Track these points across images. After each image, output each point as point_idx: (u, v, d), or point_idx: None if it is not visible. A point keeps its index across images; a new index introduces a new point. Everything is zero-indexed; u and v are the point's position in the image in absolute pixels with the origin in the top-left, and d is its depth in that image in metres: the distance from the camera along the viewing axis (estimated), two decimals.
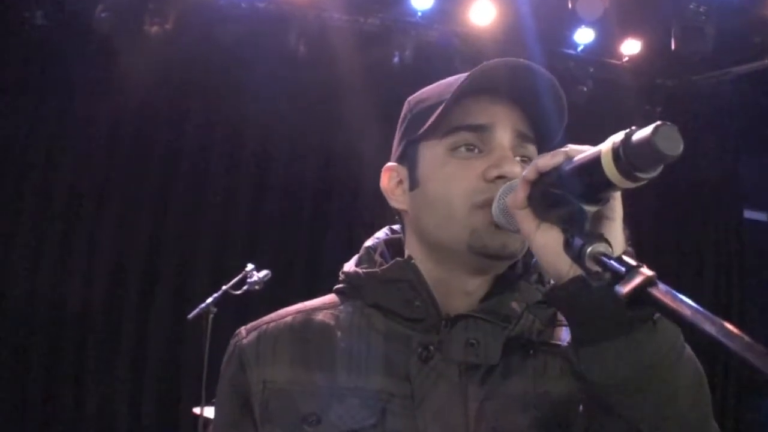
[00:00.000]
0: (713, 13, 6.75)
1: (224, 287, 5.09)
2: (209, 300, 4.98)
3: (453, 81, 1.26)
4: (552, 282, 1.04)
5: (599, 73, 7.64)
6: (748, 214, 8.57)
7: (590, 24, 7.10)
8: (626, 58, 7.52)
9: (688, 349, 0.99)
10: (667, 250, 8.17)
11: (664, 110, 7.92)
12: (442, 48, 7.20)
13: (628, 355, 0.94)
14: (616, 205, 1.00)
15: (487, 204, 1.14)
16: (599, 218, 0.99)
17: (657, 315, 0.87)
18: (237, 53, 6.69)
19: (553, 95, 1.18)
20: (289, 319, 1.30)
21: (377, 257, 1.29)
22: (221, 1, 6.68)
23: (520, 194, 1.02)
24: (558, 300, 1.02)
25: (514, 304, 1.21)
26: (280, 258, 7.01)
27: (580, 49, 7.40)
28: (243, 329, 1.33)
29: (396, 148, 1.32)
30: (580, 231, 0.92)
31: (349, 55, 6.91)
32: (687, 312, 0.72)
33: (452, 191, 1.18)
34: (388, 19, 7.08)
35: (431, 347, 1.17)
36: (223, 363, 1.33)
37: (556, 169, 0.97)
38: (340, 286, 1.33)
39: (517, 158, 1.20)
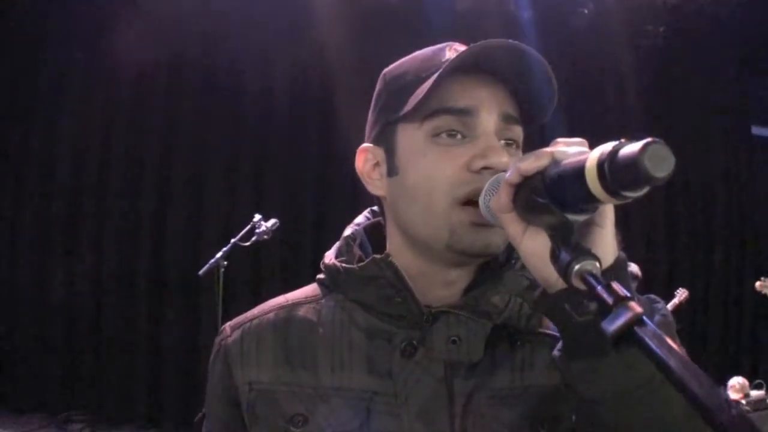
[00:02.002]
0: None
1: (233, 240, 5.04)
2: (218, 254, 4.93)
3: (431, 55, 1.16)
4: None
5: None
6: (756, 130, 8.54)
7: None
8: None
9: None
10: (677, 172, 8.12)
11: (667, 29, 7.80)
12: None
13: (619, 373, 0.90)
14: (607, 211, 0.93)
15: (470, 198, 1.07)
16: (589, 225, 0.92)
17: None
18: None
19: (542, 74, 1.08)
20: (271, 315, 1.25)
21: (356, 249, 1.23)
22: None
23: (504, 198, 0.94)
24: (546, 310, 0.97)
25: (497, 298, 1.14)
26: (288, 205, 7.01)
27: None
28: (227, 326, 1.28)
29: (371, 127, 1.22)
30: (566, 243, 0.86)
31: None
32: (673, 363, 0.68)
33: (433, 183, 1.10)
34: None
35: (414, 342, 1.13)
36: (210, 361, 1.28)
37: (541, 174, 0.89)
38: (322, 277, 1.27)
39: (502, 142, 1.11)
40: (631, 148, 0.75)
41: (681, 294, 6.46)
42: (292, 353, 1.19)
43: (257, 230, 5.13)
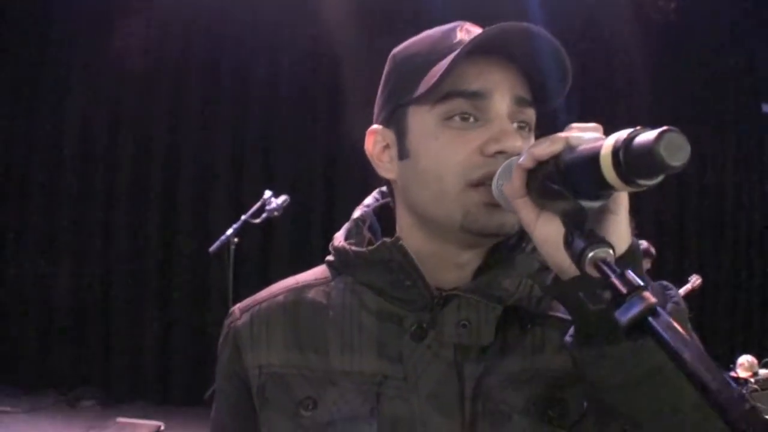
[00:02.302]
0: None
1: (243, 217, 5.03)
2: (229, 231, 4.93)
3: (441, 36, 1.15)
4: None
5: None
6: (767, 108, 8.50)
7: None
8: None
9: None
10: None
11: (679, 6, 7.75)
12: None
13: (630, 361, 0.90)
14: (622, 198, 0.92)
15: (483, 181, 1.06)
16: (603, 212, 0.91)
17: None
18: None
19: (555, 56, 1.05)
20: (281, 298, 1.24)
21: (366, 232, 1.22)
22: None
23: (517, 183, 0.94)
24: (559, 296, 0.97)
25: (508, 282, 1.14)
26: (298, 182, 7.02)
27: None
28: (237, 309, 1.27)
29: (381, 108, 1.21)
30: (580, 229, 0.86)
31: None
32: (686, 354, 0.69)
33: (446, 166, 1.09)
34: None
35: (424, 325, 1.12)
36: (219, 344, 1.27)
37: (555, 159, 0.89)
38: (331, 259, 1.26)
39: (515, 124, 1.10)
40: (647, 135, 0.74)
41: (694, 280, 6.48)
42: (301, 336, 1.18)
43: (268, 207, 5.10)
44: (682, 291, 6.49)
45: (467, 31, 1.13)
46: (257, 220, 5.10)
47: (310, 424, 1.11)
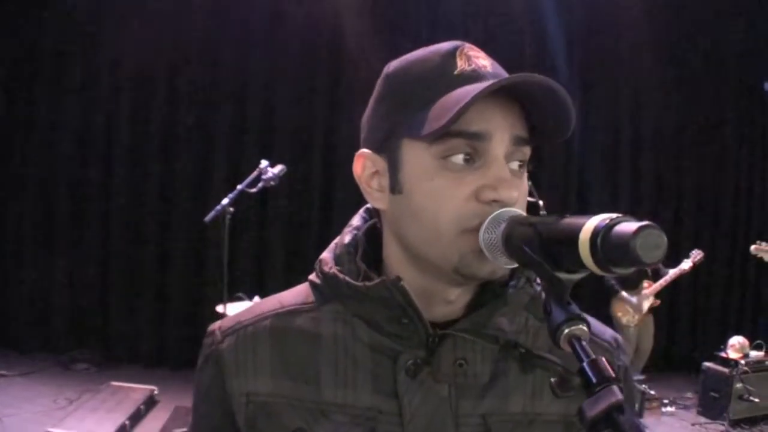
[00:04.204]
0: None
1: (239, 186, 4.99)
2: (225, 201, 4.90)
3: (440, 63, 1.10)
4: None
5: None
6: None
7: None
8: None
9: None
10: (689, 125, 8.16)
11: None
12: None
13: None
14: None
15: (478, 228, 1.04)
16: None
17: None
18: None
19: (558, 99, 1.05)
20: (267, 322, 1.20)
21: (360, 263, 1.18)
22: None
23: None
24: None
25: (503, 320, 1.14)
26: (296, 151, 7.02)
27: None
28: (217, 330, 1.23)
29: (371, 131, 1.17)
30: (558, 300, 0.87)
31: None
32: None
33: (441, 210, 1.06)
34: None
35: (420, 362, 1.11)
36: (198, 362, 1.24)
37: (534, 225, 0.92)
38: (317, 282, 1.22)
39: (511, 164, 1.08)
40: (626, 227, 0.76)
41: (695, 255, 6.51)
42: (291, 365, 1.16)
43: (264, 176, 5.05)
44: (684, 265, 6.55)
45: (467, 59, 1.10)
46: (253, 190, 5.05)
47: None
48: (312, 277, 1.23)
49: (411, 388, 1.10)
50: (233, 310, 4.78)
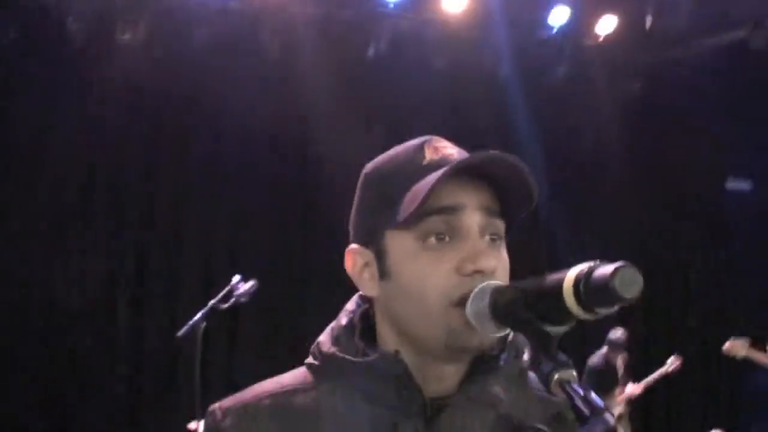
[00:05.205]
0: None
1: (211, 302, 4.92)
2: (197, 316, 4.83)
3: (411, 156, 1.22)
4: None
5: (575, 55, 7.68)
6: (731, 183, 8.66)
7: (565, 2, 7.16)
8: (601, 38, 7.54)
9: None
10: (654, 222, 8.29)
11: (643, 87, 7.97)
12: (415, 38, 7.24)
13: None
14: None
15: (463, 301, 1.11)
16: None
17: None
18: (210, 55, 6.73)
19: (520, 177, 1.14)
20: (267, 402, 1.25)
21: (358, 342, 1.25)
22: (191, 3, 6.67)
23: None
24: None
25: (497, 389, 1.21)
26: (267, 267, 7.03)
27: (554, 31, 7.43)
28: (218, 410, 1.27)
29: (357, 228, 1.27)
30: (546, 352, 0.95)
31: (324, 50, 6.94)
32: None
33: (427, 288, 1.14)
34: (361, 11, 7.12)
35: None
36: None
37: (517, 288, 1.02)
38: (315, 363, 1.28)
39: (487, 237, 1.17)
40: (604, 270, 0.87)
41: (674, 362, 6.51)
42: None
43: (236, 292, 4.97)
44: (658, 374, 6.56)
45: (434, 150, 1.20)
46: (225, 306, 4.96)
47: None
48: (309, 360, 1.28)
49: None
50: None
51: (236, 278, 5.04)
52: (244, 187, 7.33)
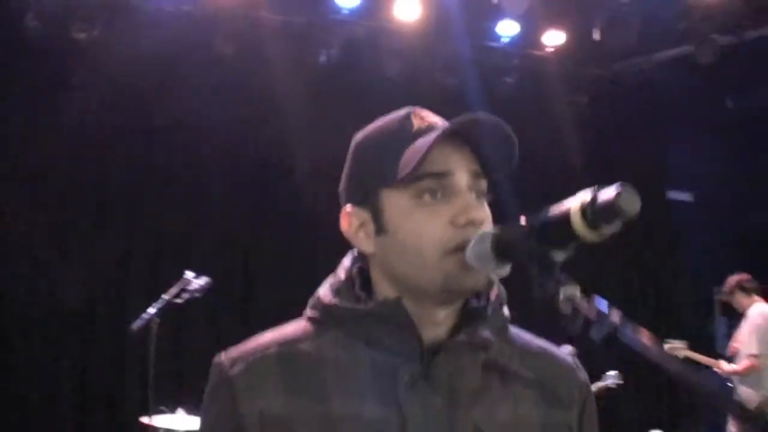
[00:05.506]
0: (637, 1, 6.95)
1: (165, 297, 5.01)
2: (152, 310, 4.93)
3: (399, 125, 1.35)
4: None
5: (524, 65, 7.80)
6: (673, 194, 8.85)
7: (515, 17, 7.27)
8: (550, 49, 7.69)
9: None
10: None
11: (591, 99, 8.12)
12: (368, 45, 7.35)
13: None
14: None
15: (457, 249, 1.24)
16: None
17: None
18: (165, 58, 6.75)
19: (503, 137, 1.30)
20: (273, 349, 1.34)
21: (359, 291, 1.36)
22: (147, 5, 6.73)
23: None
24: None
25: (487, 333, 1.32)
26: (217, 265, 7.06)
27: (504, 41, 7.57)
28: (224, 359, 1.36)
29: (351, 192, 1.38)
30: (551, 275, 1.09)
31: (277, 55, 7.04)
32: (652, 353, 0.97)
33: (423, 240, 1.27)
34: (315, 17, 7.18)
35: (417, 374, 1.27)
36: (207, 393, 1.37)
37: (526, 224, 1.14)
38: (315, 315, 1.39)
39: (473, 194, 1.31)
40: (607, 193, 1.01)
41: (614, 377, 6.52)
42: (300, 385, 1.30)
43: (188, 288, 5.06)
44: (596, 387, 6.66)
45: (420, 118, 1.35)
46: (179, 301, 5.05)
47: None
48: (308, 313, 1.40)
49: (410, 399, 1.27)
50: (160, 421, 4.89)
51: (189, 274, 5.12)
52: (196, 188, 7.39)
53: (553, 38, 7.60)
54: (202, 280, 5.11)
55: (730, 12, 7.04)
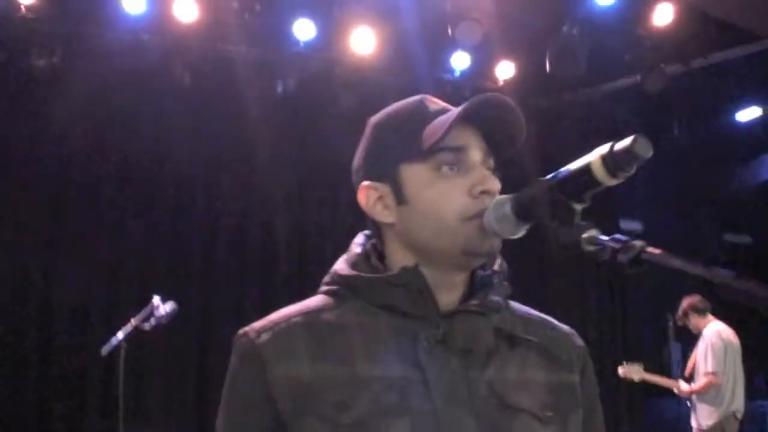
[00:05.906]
0: (586, 33, 7.17)
1: (134, 321, 5.01)
2: (120, 336, 4.93)
3: (415, 108, 1.47)
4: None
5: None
6: (624, 224, 9.03)
7: (467, 49, 7.48)
8: (502, 82, 7.88)
9: None
10: (547, 263, 8.70)
11: (539, 130, 8.29)
12: (324, 77, 7.50)
13: None
14: None
15: (475, 216, 1.36)
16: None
17: None
18: (122, 86, 6.88)
19: (513, 114, 1.41)
20: (297, 319, 1.43)
21: (375, 262, 1.47)
22: (107, 36, 6.84)
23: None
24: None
25: (496, 298, 1.44)
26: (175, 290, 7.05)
27: (457, 74, 7.78)
28: (250, 330, 1.42)
29: (369, 167, 1.48)
30: (570, 224, 1.20)
31: (234, 86, 7.18)
32: (676, 262, 1.06)
33: (444, 208, 1.38)
34: (272, 49, 7.34)
35: (435, 338, 1.36)
36: (232, 364, 1.43)
37: (547, 182, 1.26)
38: (334, 288, 1.47)
39: (485, 168, 1.43)
40: (624, 143, 1.13)
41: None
42: (326, 351, 1.37)
43: (156, 313, 5.05)
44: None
45: (434, 102, 1.48)
46: (147, 326, 5.05)
47: (349, 423, 1.30)
48: (326, 287, 1.50)
49: (430, 360, 1.37)
50: None
51: (156, 298, 5.12)
52: (152, 217, 7.40)
53: (504, 71, 7.81)
54: (169, 306, 5.13)
55: (678, 41, 7.24)
